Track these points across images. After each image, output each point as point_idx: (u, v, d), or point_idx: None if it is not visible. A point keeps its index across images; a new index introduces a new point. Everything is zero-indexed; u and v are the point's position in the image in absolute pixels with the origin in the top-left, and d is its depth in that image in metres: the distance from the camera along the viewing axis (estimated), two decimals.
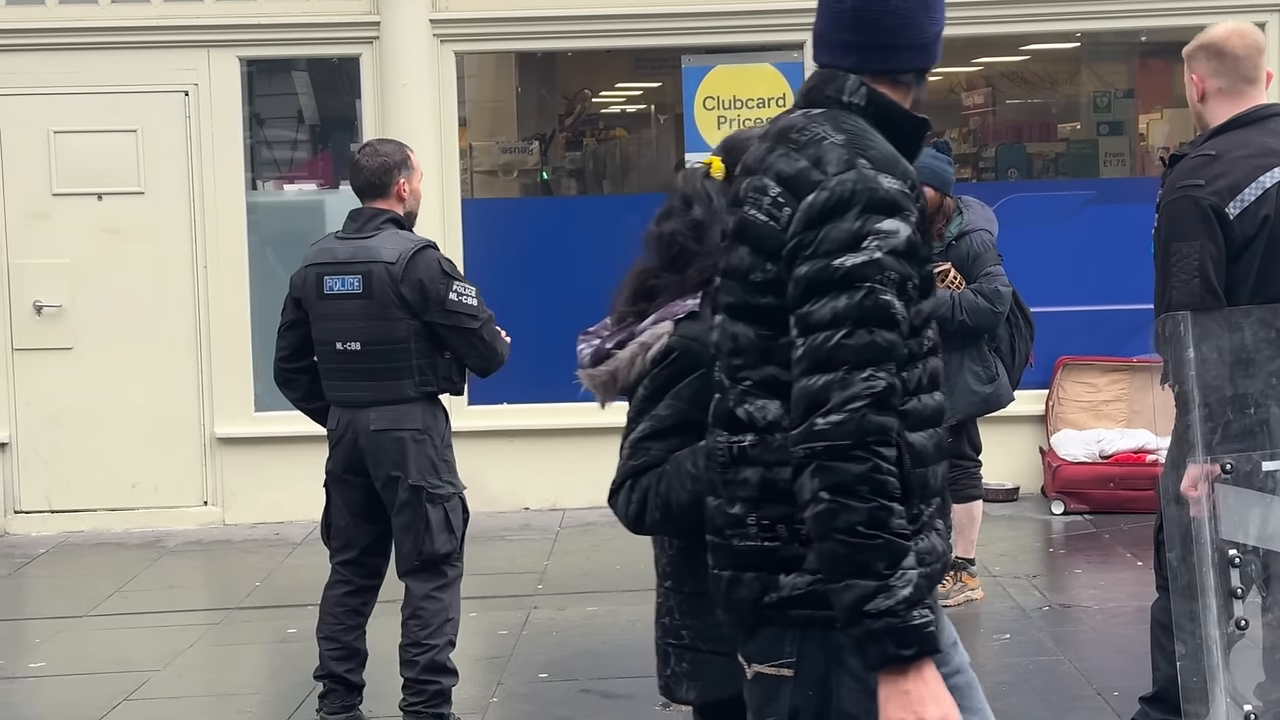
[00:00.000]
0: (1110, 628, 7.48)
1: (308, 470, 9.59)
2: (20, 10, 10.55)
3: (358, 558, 6.27)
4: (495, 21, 10.67)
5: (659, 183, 10.78)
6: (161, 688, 7.23)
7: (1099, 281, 10.21)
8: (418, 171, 6.38)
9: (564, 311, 10.37)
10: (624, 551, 9.41)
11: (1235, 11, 9.44)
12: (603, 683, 7.02)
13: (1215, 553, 4.74)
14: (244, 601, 8.75)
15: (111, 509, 10.64)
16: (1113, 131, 11.06)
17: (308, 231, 10.24)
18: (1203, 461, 4.72)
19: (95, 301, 10.64)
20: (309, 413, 6.45)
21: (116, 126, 10.54)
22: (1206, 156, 4.94)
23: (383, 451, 6.08)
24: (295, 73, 10.85)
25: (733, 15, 10.57)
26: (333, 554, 6.34)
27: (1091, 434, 10.16)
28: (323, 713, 6.25)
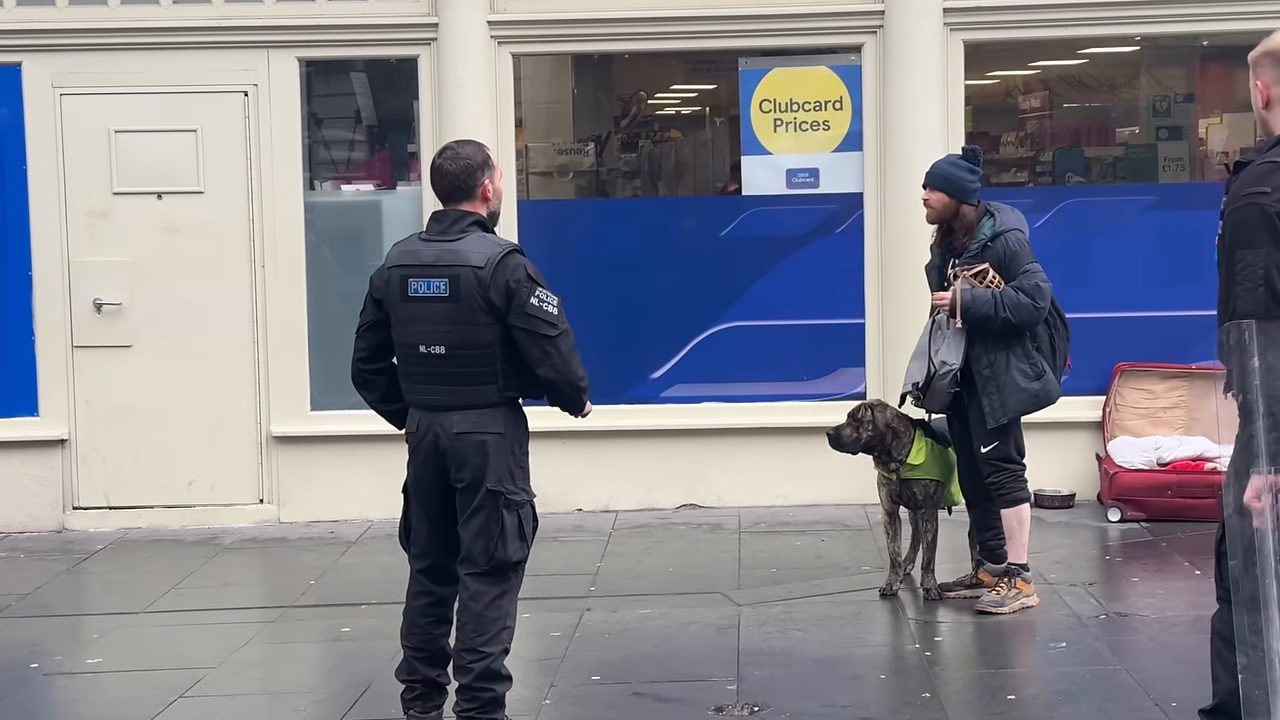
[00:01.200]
0: (1168, 637, 7.40)
1: (363, 469, 9.68)
2: (82, 10, 10.55)
3: (436, 564, 6.23)
4: (552, 23, 10.64)
5: (714, 185, 10.82)
6: (216, 685, 7.20)
7: (1158, 288, 10.11)
8: (499, 170, 6.29)
9: (619, 313, 10.47)
10: (677, 554, 9.46)
11: None
12: (655, 686, 6.97)
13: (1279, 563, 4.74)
14: (299, 600, 8.71)
15: (168, 506, 10.63)
16: (1172, 136, 10.94)
17: (364, 231, 10.47)
18: (1267, 472, 4.67)
19: (154, 300, 10.63)
20: (386, 414, 6.38)
21: (177, 126, 10.55)
22: (1273, 164, 4.86)
23: (463, 455, 6.03)
24: (353, 74, 10.85)
25: (790, 18, 10.51)
26: (411, 559, 6.31)
27: (1149, 441, 10.07)
28: (414, 713, 6.23)
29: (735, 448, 10.57)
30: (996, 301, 7.61)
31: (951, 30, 10.42)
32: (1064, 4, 10.42)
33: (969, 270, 7.73)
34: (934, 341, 7.94)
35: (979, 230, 7.83)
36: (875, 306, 10.54)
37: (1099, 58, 10.93)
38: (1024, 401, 7.79)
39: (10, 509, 10.65)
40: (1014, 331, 7.70)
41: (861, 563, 8.87)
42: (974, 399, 7.84)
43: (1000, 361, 7.75)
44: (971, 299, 7.66)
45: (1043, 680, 7.10)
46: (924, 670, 7.20)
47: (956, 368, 7.81)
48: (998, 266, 7.70)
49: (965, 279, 7.71)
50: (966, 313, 7.68)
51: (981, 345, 7.76)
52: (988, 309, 7.61)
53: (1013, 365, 7.74)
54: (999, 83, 10.83)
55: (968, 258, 7.81)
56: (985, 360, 7.77)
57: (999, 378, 7.77)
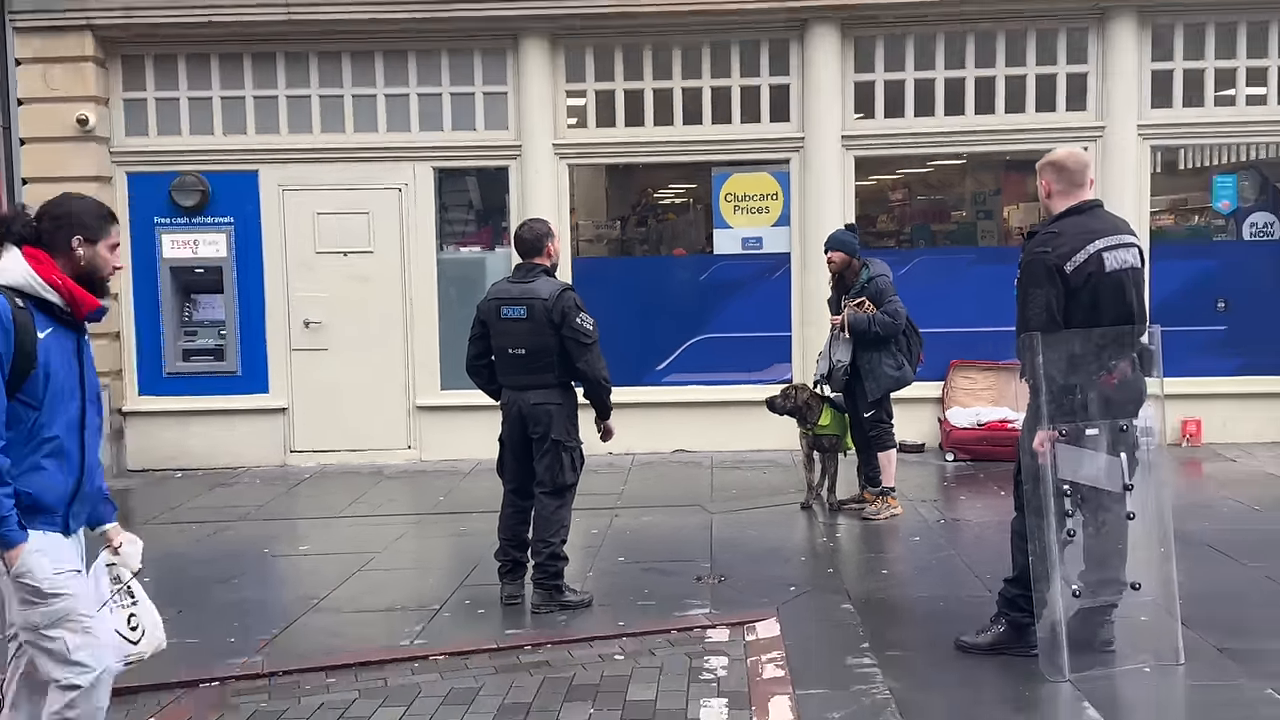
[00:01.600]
0: (983, 534, 7.43)
1: (473, 427, 9.68)
2: (297, 136, 10.59)
3: (520, 487, 6.25)
4: (592, 146, 10.65)
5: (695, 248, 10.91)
6: (381, 562, 7.29)
7: (977, 312, 10.08)
8: (557, 237, 6.36)
9: (635, 328, 10.48)
10: (672, 481, 9.52)
11: (1069, 140, 9.49)
12: (658, 564, 7.01)
13: (1054, 487, 4.77)
14: (433, 509, 8.80)
15: (350, 450, 10.66)
16: (986, 217, 10.92)
17: (474, 277, 10.42)
18: (1047, 428, 4.78)
19: (342, 319, 10.64)
20: (488, 392, 6.37)
21: (356, 209, 10.57)
22: (1051, 233, 4.92)
23: (537, 417, 6.09)
24: (467, 177, 10.80)
25: (744, 143, 10.51)
26: (504, 484, 6.32)
27: (972, 410, 10.11)
28: (506, 580, 6.28)
29: (709, 414, 10.56)
30: (870, 321, 7.77)
31: (845, 150, 10.43)
32: (917, 134, 10.43)
33: (853, 302, 7.89)
34: (833, 347, 8.02)
35: (860, 276, 7.95)
36: (797, 325, 10.54)
37: (940, 167, 10.94)
38: (890, 383, 7.90)
39: (252, 452, 10.68)
40: (882, 340, 7.81)
41: (789, 488, 8.86)
42: (859, 382, 7.93)
43: (875, 359, 7.87)
44: (854, 320, 7.81)
45: (905, 561, 7.13)
46: (829, 555, 7.26)
47: (847, 363, 7.91)
48: (871, 299, 7.84)
49: (851, 308, 7.87)
50: (852, 329, 7.84)
51: (862, 348, 7.87)
52: (864, 325, 7.78)
53: (883, 361, 7.85)
54: (876, 183, 10.85)
55: (853, 294, 7.94)
56: (865, 358, 7.88)
57: (874, 369, 7.89)
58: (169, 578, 7.12)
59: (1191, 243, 10.74)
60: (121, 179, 10.67)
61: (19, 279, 3.57)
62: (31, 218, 3.69)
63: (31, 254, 3.62)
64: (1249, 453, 9.94)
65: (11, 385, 3.50)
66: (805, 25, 10.32)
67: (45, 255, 3.64)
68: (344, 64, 10.61)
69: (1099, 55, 10.33)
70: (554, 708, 4.85)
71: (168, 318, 10.68)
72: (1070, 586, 4.85)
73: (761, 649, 5.45)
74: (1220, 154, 10.64)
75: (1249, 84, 10.38)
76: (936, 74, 10.45)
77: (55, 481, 3.61)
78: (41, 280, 3.59)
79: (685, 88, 10.56)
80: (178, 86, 10.66)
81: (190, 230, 10.63)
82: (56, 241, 3.67)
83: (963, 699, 4.70)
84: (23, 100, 10.33)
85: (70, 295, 3.63)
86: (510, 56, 10.56)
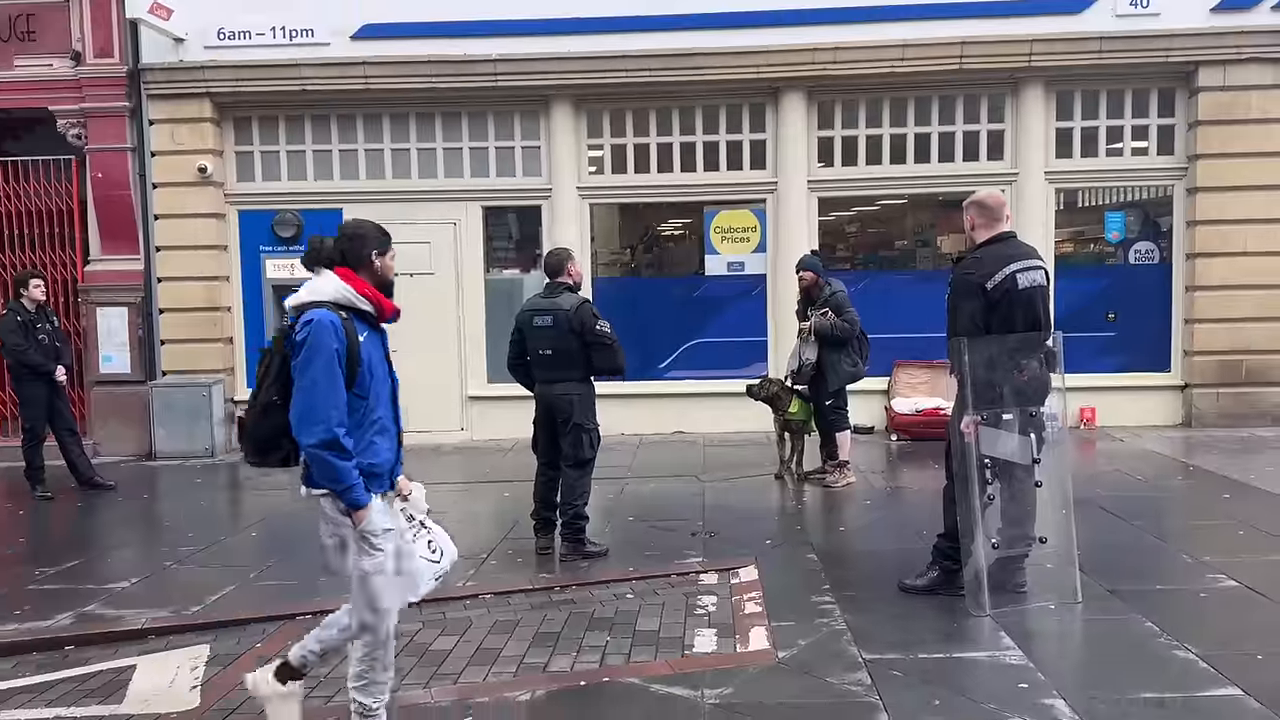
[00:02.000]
0: (921, 500, 7.38)
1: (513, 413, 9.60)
2: (372, 182, 10.52)
3: (549, 460, 6.23)
4: (608, 188, 10.63)
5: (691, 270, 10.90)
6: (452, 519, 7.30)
7: (916, 321, 10.00)
8: (576, 260, 6.31)
9: (642, 333, 10.46)
10: (672, 456, 9.45)
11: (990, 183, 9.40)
12: (662, 522, 6.99)
13: (977, 461, 4.78)
14: (481, 478, 8.80)
15: (416, 431, 10.12)
16: (924, 245, 10.89)
17: (513, 294, 10.37)
18: (971, 414, 4.78)
19: (409, 327, 10.29)
20: (525, 385, 6.32)
21: (419, 240, 10.48)
22: (976, 258, 4.92)
23: (562, 406, 6.07)
24: (509, 214, 10.74)
25: (729, 187, 10.49)
26: (537, 458, 6.30)
27: (912, 400, 10.07)
28: (539, 534, 6.26)
29: (703, 403, 10.51)
30: (833, 326, 7.75)
31: (810, 192, 10.44)
32: (868, 179, 10.43)
33: (819, 312, 7.88)
34: (801, 348, 8.01)
35: (823, 292, 7.93)
36: (772, 331, 10.51)
37: (886, 206, 10.88)
38: (847, 377, 7.88)
39: None
40: (841, 342, 7.79)
41: (765, 462, 8.80)
42: (822, 377, 7.95)
43: (835, 358, 7.84)
44: (820, 325, 7.80)
45: (859, 520, 7.10)
46: (798, 515, 7.24)
47: (814, 361, 7.92)
48: (833, 309, 7.82)
49: (817, 317, 7.86)
50: (818, 333, 7.82)
51: (825, 350, 7.85)
52: (827, 331, 7.77)
53: (842, 359, 7.83)
54: (835, 218, 10.78)
55: (818, 305, 7.93)
56: (827, 357, 7.85)
57: (834, 366, 7.87)
58: (273, 531, 7.19)
59: (1088, 266, 10.72)
60: (234, 216, 10.70)
61: (336, 294, 3.55)
62: (332, 244, 3.63)
63: (342, 272, 3.59)
64: (1134, 434, 9.92)
65: (347, 382, 3.51)
66: (778, 92, 10.32)
67: (350, 272, 3.60)
68: (410, 123, 10.61)
69: (1013, 115, 10.32)
70: (578, 636, 4.87)
71: (270, 326, 10.65)
72: (990, 540, 4.85)
73: (743, 590, 5.46)
74: (1111, 195, 10.62)
75: (1133, 139, 10.36)
76: (884, 130, 10.43)
77: (383, 452, 3.67)
78: (355, 293, 3.57)
79: (682, 142, 10.55)
80: (278, 141, 10.68)
81: (288, 256, 10.62)
82: (359, 258, 3.62)
83: (903, 629, 4.71)
84: (155, 152, 10.38)
85: (378, 302, 3.63)
86: (543, 118, 10.55)
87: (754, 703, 4.00)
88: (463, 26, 10.13)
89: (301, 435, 3.46)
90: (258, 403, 3.58)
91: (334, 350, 3.45)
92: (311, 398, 3.44)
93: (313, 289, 3.58)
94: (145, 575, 6.13)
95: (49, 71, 10.24)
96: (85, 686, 4.55)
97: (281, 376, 3.53)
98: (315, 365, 3.44)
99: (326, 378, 3.44)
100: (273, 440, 3.58)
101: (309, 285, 3.61)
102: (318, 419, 3.43)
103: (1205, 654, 4.29)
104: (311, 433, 3.43)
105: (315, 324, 3.46)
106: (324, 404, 3.43)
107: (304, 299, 3.57)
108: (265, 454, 3.64)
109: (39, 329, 8.41)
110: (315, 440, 3.43)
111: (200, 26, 10.18)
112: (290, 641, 4.20)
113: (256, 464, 3.72)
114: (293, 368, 3.49)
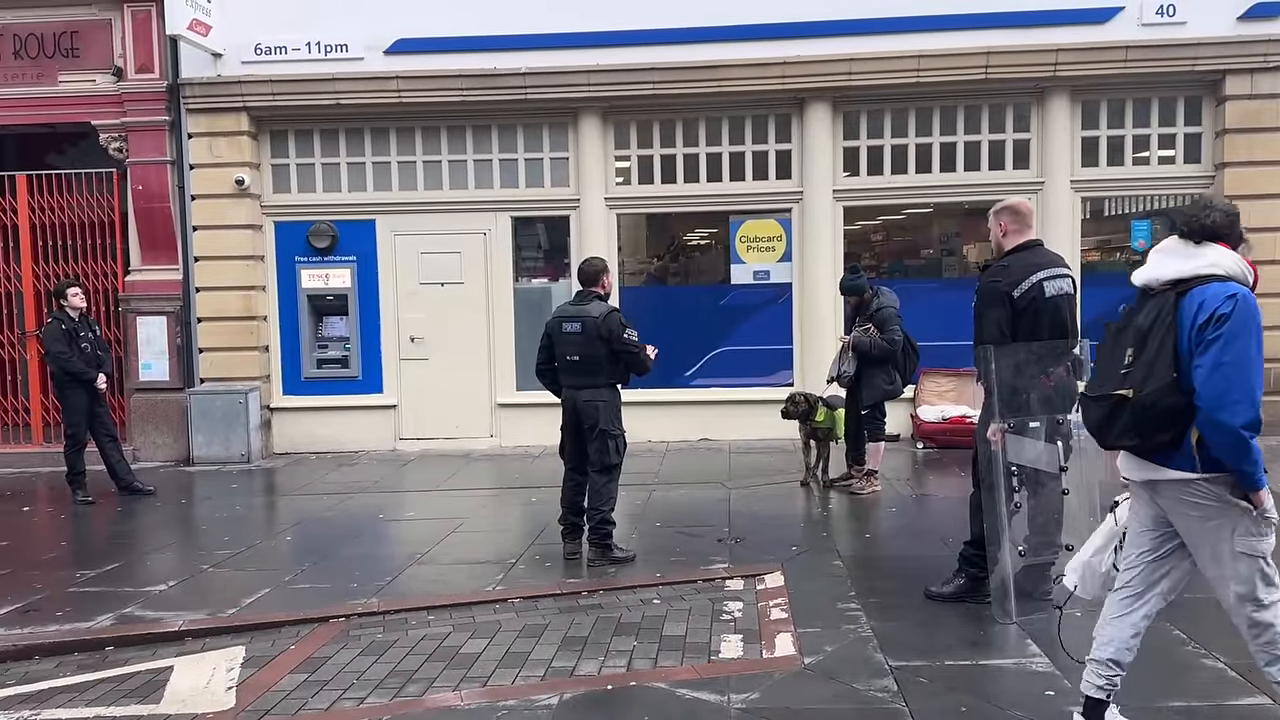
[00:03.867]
0: (946, 507, 7.35)
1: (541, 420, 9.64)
2: (405, 193, 10.63)
3: (576, 466, 6.24)
4: (635, 199, 10.63)
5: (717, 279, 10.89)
6: (470, 525, 7.29)
7: (942, 330, 9.88)
8: (610, 273, 6.33)
9: (670, 340, 10.34)
10: (698, 463, 9.46)
11: (1016, 192, 9.41)
12: (688, 528, 6.98)
13: (1004, 469, 4.72)
14: (510, 484, 8.79)
15: (445, 438, 10.66)
16: (950, 254, 10.84)
17: (542, 303, 10.40)
18: (998, 422, 4.72)
19: (439, 336, 10.65)
20: (552, 390, 6.33)
21: (450, 250, 10.60)
22: (1002, 266, 4.89)
23: (588, 412, 6.08)
24: (538, 223, 10.76)
25: (755, 197, 10.47)
26: (565, 464, 6.31)
27: (939, 407, 10.00)
28: (567, 539, 6.26)
29: (728, 410, 10.49)
30: (870, 345, 7.67)
31: (836, 201, 10.43)
32: (893, 188, 10.37)
33: (861, 328, 7.79)
34: (841, 360, 7.91)
35: (871, 305, 7.84)
36: (797, 340, 10.49)
37: (912, 214, 10.85)
38: (881, 394, 7.82)
39: (369, 439, 10.72)
40: (881, 360, 7.74)
41: (791, 469, 8.78)
42: (860, 389, 7.85)
43: (873, 373, 7.78)
44: (859, 341, 7.73)
45: (884, 527, 7.06)
46: (823, 522, 7.19)
47: (851, 374, 7.79)
48: (876, 326, 7.75)
49: (857, 333, 7.78)
50: (856, 349, 7.76)
51: (864, 363, 7.78)
52: (865, 348, 7.71)
53: (878, 375, 7.76)
54: (861, 227, 10.77)
55: (863, 319, 7.86)
56: (866, 372, 7.79)
57: (870, 381, 7.77)
58: (307, 536, 7.23)
59: (1114, 274, 10.59)
60: (270, 227, 10.81)
61: (1235, 268, 3.29)
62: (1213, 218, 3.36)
63: (1226, 247, 3.34)
64: None
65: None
66: (804, 103, 10.30)
67: (1229, 248, 3.35)
68: (442, 136, 10.67)
69: (1039, 124, 10.24)
70: (605, 640, 4.86)
71: (305, 334, 10.79)
72: (1016, 547, 4.79)
73: (769, 596, 5.43)
74: (1137, 203, 10.50)
75: (1160, 147, 10.24)
76: (909, 140, 10.38)
77: None
78: (1249, 269, 3.33)
79: (708, 153, 10.55)
80: (313, 154, 10.78)
81: (323, 266, 10.72)
82: (1236, 236, 3.38)
83: (930, 636, 4.66)
84: (194, 165, 10.50)
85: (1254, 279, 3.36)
86: (571, 129, 10.58)
87: (780, 708, 3.97)
88: (493, 41, 10.19)
89: (1224, 414, 3.13)
90: (1154, 380, 3.23)
91: (1260, 325, 3.22)
92: (1240, 374, 3.14)
93: (1211, 262, 3.29)
94: (183, 578, 6.19)
95: (92, 87, 10.40)
96: (124, 687, 4.59)
97: (1168, 354, 3.22)
98: (1246, 340, 3.16)
99: (1258, 354, 3.18)
100: (1166, 420, 3.24)
101: (1192, 256, 3.31)
102: (1246, 397, 3.13)
103: (1234, 663, 4.21)
104: (1238, 412, 3.12)
105: (1243, 298, 3.20)
106: (1253, 381, 3.15)
107: (1193, 271, 3.28)
108: (1152, 435, 3.29)
109: (82, 337, 8.54)
110: (1243, 420, 3.12)
111: (238, 42, 10.30)
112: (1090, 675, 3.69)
113: (1128, 446, 3.37)
114: (1203, 342, 3.17)
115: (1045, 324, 4.78)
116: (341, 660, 4.75)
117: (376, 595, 5.67)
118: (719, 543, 6.59)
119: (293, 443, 10.77)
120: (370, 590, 5.76)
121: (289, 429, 10.79)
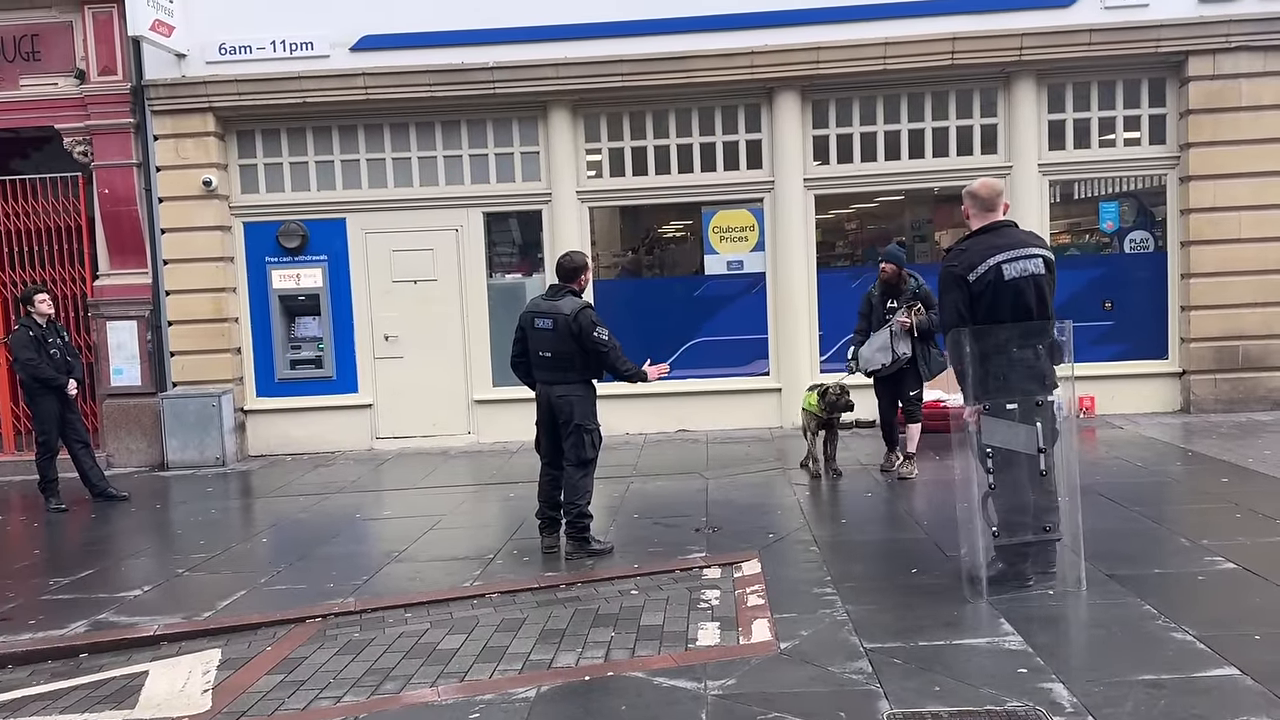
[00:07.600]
0: (920, 490, 7.41)
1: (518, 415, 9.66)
2: (376, 191, 10.53)
3: (551, 460, 6.23)
4: (608, 192, 10.63)
5: (691, 270, 10.89)
6: (448, 522, 7.29)
7: None
8: (589, 269, 6.31)
9: (644, 333, 10.43)
10: (676, 454, 9.46)
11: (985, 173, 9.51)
12: (666, 519, 7.00)
13: (979, 450, 4.77)
14: (488, 480, 8.78)
15: (423, 436, 10.65)
16: (922, 240, 10.87)
17: (517, 298, 10.33)
18: (973, 404, 4.77)
19: (414, 334, 10.62)
20: (526, 384, 6.32)
21: (423, 247, 10.58)
22: (959, 250, 4.89)
23: (562, 407, 6.07)
24: (510, 219, 10.71)
25: (727, 186, 10.49)
26: (541, 459, 6.29)
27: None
28: (544, 533, 6.25)
29: (705, 401, 10.53)
30: (932, 322, 7.55)
31: (807, 190, 10.47)
32: (864, 176, 10.42)
33: (913, 306, 7.69)
34: (895, 342, 7.71)
35: (909, 285, 7.78)
36: (772, 329, 10.53)
37: (884, 201, 10.89)
38: (939, 367, 7.73)
39: (345, 439, 10.69)
40: (931, 334, 7.66)
41: (768, 458, 8.81)
42: (912, 368, 7.74)
43: (929, 350, 7.70)
44: (919, 321, 7.60)
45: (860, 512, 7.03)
46: (799, 510, 7.16)
47: (909, 355, 7.68)
48: (923, 302, 7.67)
49: (908, 312, 7.66)
50: (919, 328, 7.64)
51: (918, 342, 7.68)
52: (927, 325, 7.59)
53: (933, 351, 7.70)
54: (833, 215, 10.81)
55: (905, 298, 7.75)
56: (920, 349, 7.69)
57: (930, 358, 7.70)
58: (283, 537, 7.20)
59: (1084, 256, 10.71)
60: (239, 228, 10.73)
61: None
62: None
63: None
64: (1132, 421, 9.90)
65: None
66: (773, 92, 10.32)
67: None
68: (410, 132, 10.62)
69: (1006, 109, 10.32)
70: (583, 632, 4.86)
71: (277, 335, 10.73)
72: (990, 526, 4.81)
73: (746, 583, 5.45)
74: (1105, 185, 10.59)
75: (1125, 129, 10.33)
76: (878, 128, 10.42)
77: None
78: None
79: (679, 144, 10.55)
80: (281, 153, 10.71)
81: (293, 266, 10.67)
82: None
83: (904, 618, 4.69)
84: (160, 167, 10.40)
85: None
86: (541, 123, 10.56)
87: (756, 693, 3.99)
88: (460, 35, 10.15)
89: None
90: None
91: None
92: None
93: None
94: (157, 583, 6.15)
95: (54, 90, 10.28)
96: (99, 693, 4.56)
97: None
98: None
99: None
100: None
101: None
102: None
103: (1203, 635, 4.27)
104: None
105: None
106: None
107: None
108: None
109: (50, 343, 8.45)
110: None
111: (201, 42, 10.22)
112: None
113: None
114: None
115: (1006, 306, 4.75)
116: (318, 660, 4.73)
117: (353, 594, 5.65)
118: (696, 532, 6.60)
119: (268, 445, 10.70)
120: (347, 590, 5.74)
121: (264, 431, 10.72)
